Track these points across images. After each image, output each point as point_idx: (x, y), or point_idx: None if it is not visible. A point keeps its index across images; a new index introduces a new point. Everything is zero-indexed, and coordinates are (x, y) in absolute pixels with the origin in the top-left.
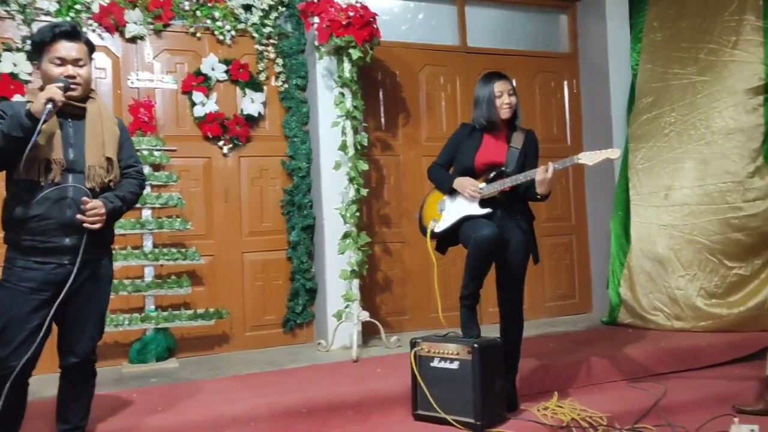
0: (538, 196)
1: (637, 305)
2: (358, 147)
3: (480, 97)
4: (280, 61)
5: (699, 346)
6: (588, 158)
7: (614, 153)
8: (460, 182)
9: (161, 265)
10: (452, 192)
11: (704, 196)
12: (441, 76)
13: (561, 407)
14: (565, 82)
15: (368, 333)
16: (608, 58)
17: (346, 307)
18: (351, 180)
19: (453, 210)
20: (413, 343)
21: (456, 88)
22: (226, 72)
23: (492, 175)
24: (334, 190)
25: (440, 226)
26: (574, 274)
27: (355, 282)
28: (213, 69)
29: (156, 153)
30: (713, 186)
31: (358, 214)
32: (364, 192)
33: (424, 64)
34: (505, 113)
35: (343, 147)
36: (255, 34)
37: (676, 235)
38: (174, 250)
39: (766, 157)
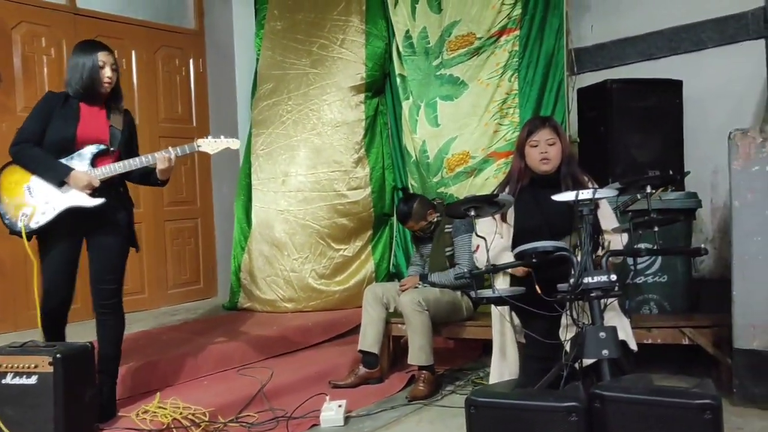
0: (159, 182)
1: (255, 289)
2: None
3: (79, 63)
4: None
5: (306, 327)
6: (208, 146)
7: (235, 143)
8: (78, 177)
9: None
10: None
11: (316, 184)
12: (42, 37)
13: (163, 408)
14: (191, 60)
15: None
16: (234, 40)
17: None
18: None
19: (53, 198)
20: None
21: (63, 54)
22: None
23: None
24: None
25: (39, 220)
26: (199, 259)
27: None
28: None
29: None
30: (323, 174)
31: None
32: None
33: (19, 20)
34: (106, 87)
35: None
36: None
37: (291, 220)
38: None
39: (368, 150)
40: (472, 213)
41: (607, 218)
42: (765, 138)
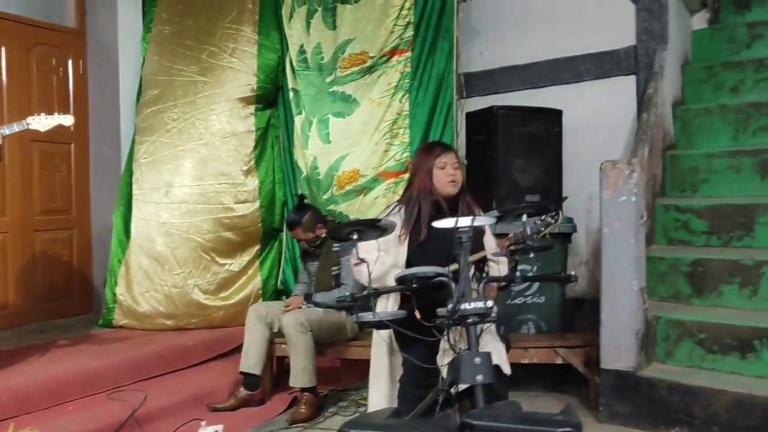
0: None
1: (134, 305)
2: None
3: None
4: None
5: (186, 346)
6: (39, 123)
7: (68, 119)
8: None
9: None
10: None
11: (201, 196)
12: None
13: None
14: (70, 61)
15: None
16: (119, 42)
17: None
18: None
19: None
20: None
21: None
22: None
23: None
24: None
25: None
26: (72, 273)
27: None
28: None
29: None
30: (210, 186)
31: None
32: None
33: None
34: None
35: None
36: None
37: (174, 232)
38: None
39: (258, 163)
40: (355, 236)
41: (490, 242)
42: (632, 170)
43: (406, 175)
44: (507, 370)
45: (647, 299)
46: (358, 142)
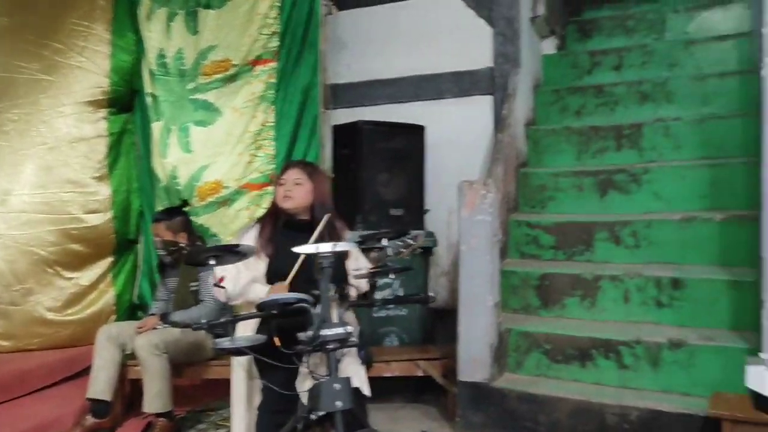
0: None
1: None
2: None
3: None
4: None
5: (27, 369)
6: None
7: None
8: None
9: None
10: None
11: (44, 205)
12: None
13: None
14: None
15: None
16: None
17: None
18: None
19: None
20: None
21: None
22: None
23: None
24: None
25: None
26: None
27: None
28: None
29: None
30: (54, 195)
31: None
32: None
33: None
34: None
35: None
36: None
37: (11, 245)
38: None
39: (111, 170)
40: (213, 262)
41: (353, 264)
42: (487, 191)
43: (271, 188)
44: (367, 391)
45: (501, 312)
46: (221, 153)
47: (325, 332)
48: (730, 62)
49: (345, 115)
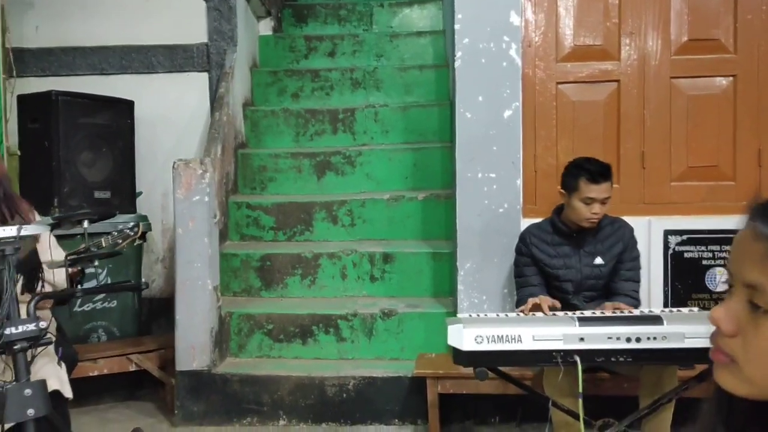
0: None
1: None
2: None
3: None
4: None
5: None
6: None
7: None
8: None
9: None
10: None
11: None
12: None
13: None
14: None
15: None
16: None
17: None
18: None
19: None
20: None
21: None
22: None
23: None
24: None
25: None
26: None
27: None
28: None
29: None
30: None
31: None
32: None
33: None
34: None
35: None
36: None
37: None
38: None
39: None
40: None
41: (48, 252)
42: (205, 170)
43: None
44: (68, 393)
45: (221, 296)
46: None
47: (11, 330)
48: (428, 56)
49: (38, 85)
